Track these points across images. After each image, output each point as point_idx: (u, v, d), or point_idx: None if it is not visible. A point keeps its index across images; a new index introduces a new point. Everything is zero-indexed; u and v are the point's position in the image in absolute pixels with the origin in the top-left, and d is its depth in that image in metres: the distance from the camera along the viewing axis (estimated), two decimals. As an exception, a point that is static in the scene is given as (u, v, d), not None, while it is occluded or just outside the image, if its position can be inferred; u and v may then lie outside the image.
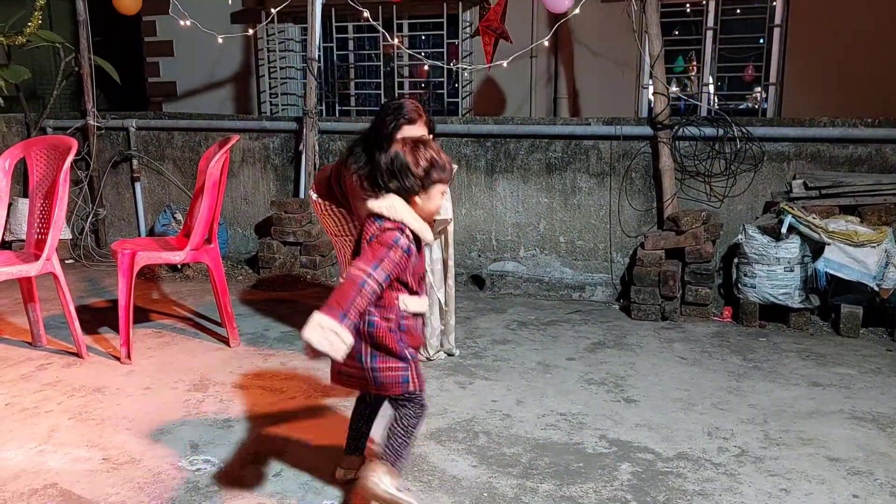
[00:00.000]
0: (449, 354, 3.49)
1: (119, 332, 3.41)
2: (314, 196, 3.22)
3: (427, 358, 3.40)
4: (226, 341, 3.65)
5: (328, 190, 3.15)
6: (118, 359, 3.41)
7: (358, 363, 2.08)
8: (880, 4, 5.73)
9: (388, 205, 2.04)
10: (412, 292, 2.12)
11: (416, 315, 2.15)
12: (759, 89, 6.25)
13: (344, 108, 7.19)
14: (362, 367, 2.08)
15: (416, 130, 2.84)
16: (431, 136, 2.90)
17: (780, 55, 6.05)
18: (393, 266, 2.00)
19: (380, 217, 2.05)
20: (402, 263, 2.02)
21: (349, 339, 1.91)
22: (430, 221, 2.16)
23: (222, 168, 3.51)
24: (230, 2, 5.52)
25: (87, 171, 5.56)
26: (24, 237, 4.38)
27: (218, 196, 3.52)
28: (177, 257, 3.50)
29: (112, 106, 8.15)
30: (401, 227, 2.03)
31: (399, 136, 2.78)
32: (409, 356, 2.11)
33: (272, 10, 5.20)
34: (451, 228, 3.35)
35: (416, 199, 2.06)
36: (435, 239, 3.31)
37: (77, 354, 3.44)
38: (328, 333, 1.88)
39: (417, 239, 2.08)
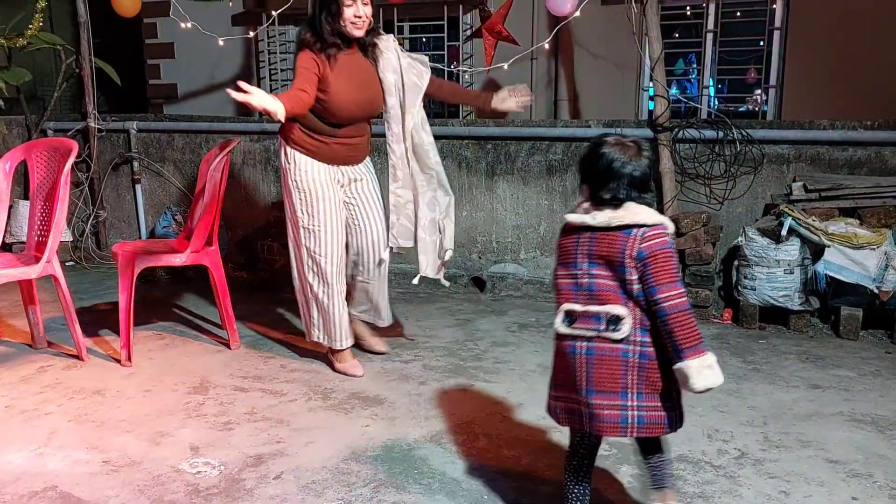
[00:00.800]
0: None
1: (119, 334, 3.41)
2: (283, 155, 3.19)
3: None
4: (226, 343, 3.65)
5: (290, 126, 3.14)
6: (118, 361, 3.41)
7: (621, 399, 1.84)
8: (880, 7, 5.73)
9: (636, 211, 1.81)
10: None
11: None
12: (759, 91, 6.26)
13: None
14: (624, 405, 1.84)
15: None
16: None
17: (780, 58, 6.05)
18: None
19: (628, 228, 1.80)
20: None
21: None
22: None
23: (223, 171, 3.51)
24: (231, 4, 5.52)
25: (88, 174, 5.56)
26: (24, 239, 4.38)
27: (218, 198, 3.53)
28: (177, 259, 3.50)
29: (112, 108, 8.16)
30: (664, 229, 1.82)
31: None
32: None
33: (273, 13, 5.21)
34: None
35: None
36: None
37: (77, 357, 3.44)
38: (708, 370, 1.77)
39: None
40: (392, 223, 3.30)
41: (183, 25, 5.09)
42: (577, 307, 1.87)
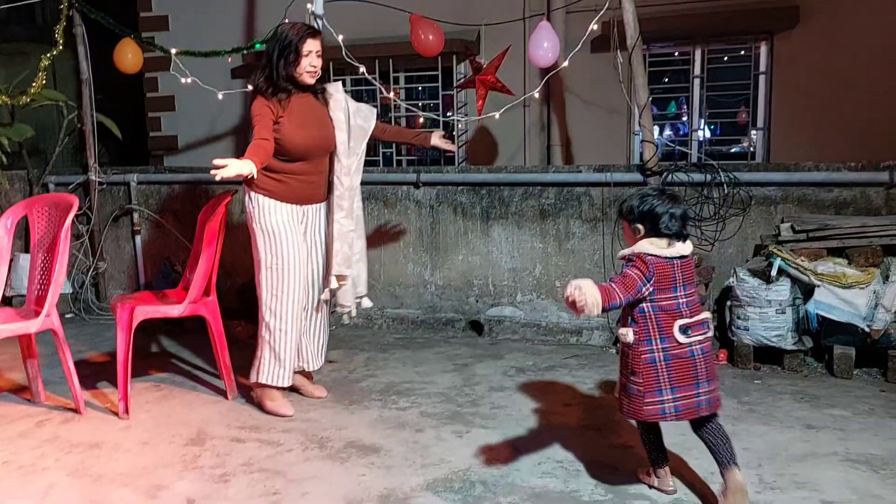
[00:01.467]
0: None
1: (117, 386, 3.43)
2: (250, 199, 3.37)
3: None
4: (224, 393, 3.67)
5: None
6: (116, 414, 3.43)
7: (717, 382, 2.51)
8: (859, 50, 5.89)
9: (689, 243, 2.48)
10: None
11: None
12: (753, 132, 6.37)
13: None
14: (717, 386, 2.51)
15: (317, 44, 3.26)
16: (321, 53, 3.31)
17: (767, 101, 6.19)
18: None
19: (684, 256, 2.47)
20: None
21: None
22: None
23: (220, 222, 3.58)
24: (230, 60, 5.67)
25: (88, 226, 5.64)
26: (24, 293, 4.43)
27: (216, 250, 3.58)
28: (175, 311, 3.54)
29: (115, 158, 8.29)
30: None
31: (304, 47, 3.21)
32: None
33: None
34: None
35: None
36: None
37: (75, 410, 3.46)
38: None
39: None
40: (336, 251, 3.43)
41: (183, 81, 5.21)
42: (689, 320, 2.42)
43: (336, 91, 3.46)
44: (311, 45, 3.23)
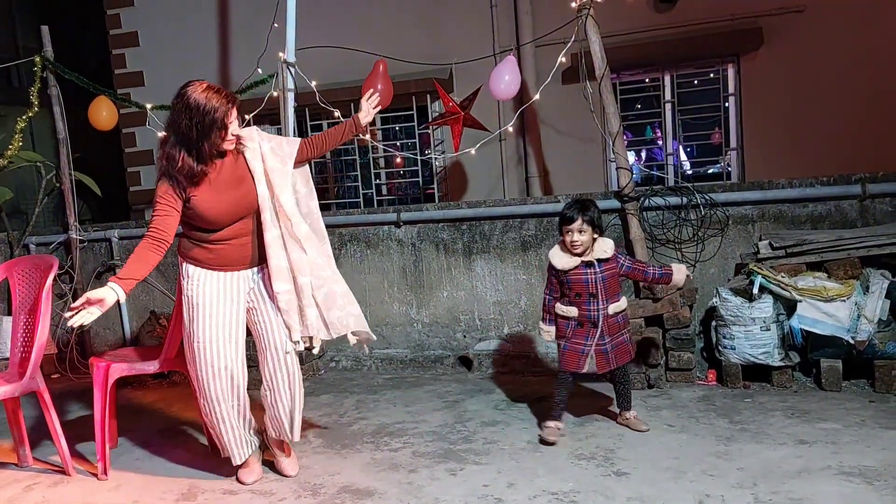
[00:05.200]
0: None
1: (95, 447, 3.37)
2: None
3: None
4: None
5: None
6: (96, 475, 3.36)
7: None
8: (823, 67, 6.03)
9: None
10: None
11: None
12: (728, 152, 6.47)
13: (324, 202, 7.36)
14: None
15: (235, 110, 2.89)
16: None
17: (738, 121, 6.31)
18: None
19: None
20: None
21: None
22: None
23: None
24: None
25: (72, 284, 5.61)
26: (8, 356, 4.38)
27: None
28: (150, 367, 3.47)
29: (96, 214, 8.29)
30: None
31: (230, 119, 2.84)
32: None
33: (246, 116, 5.38)
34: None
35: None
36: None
37: (63, 472, 3.40)
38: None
39: None
40: (289, 324, 3.11)
41: (160, 135, 5.23)
42: None
43: (250, 139, 3.05)
44: (234, 113, 2.89)
